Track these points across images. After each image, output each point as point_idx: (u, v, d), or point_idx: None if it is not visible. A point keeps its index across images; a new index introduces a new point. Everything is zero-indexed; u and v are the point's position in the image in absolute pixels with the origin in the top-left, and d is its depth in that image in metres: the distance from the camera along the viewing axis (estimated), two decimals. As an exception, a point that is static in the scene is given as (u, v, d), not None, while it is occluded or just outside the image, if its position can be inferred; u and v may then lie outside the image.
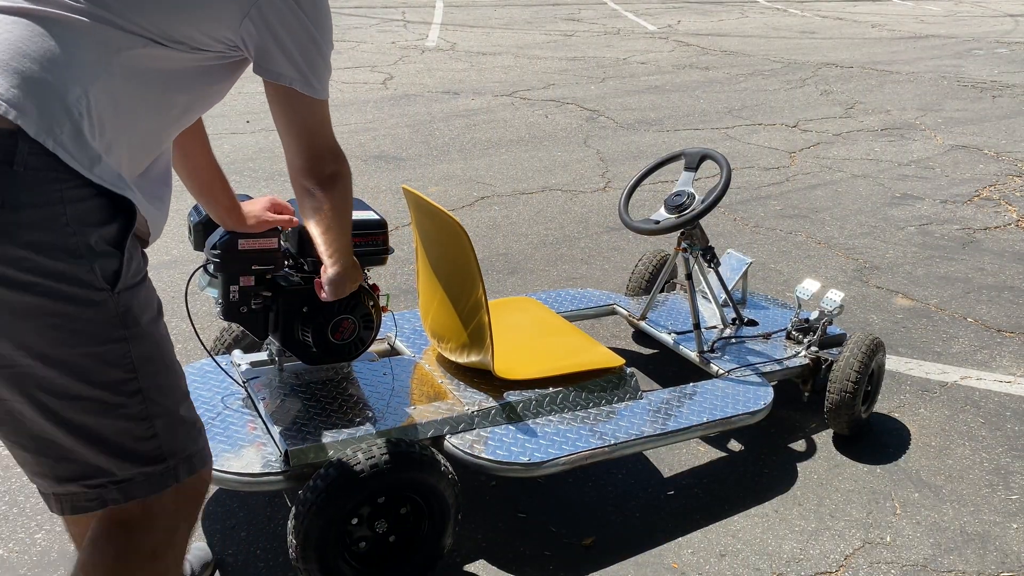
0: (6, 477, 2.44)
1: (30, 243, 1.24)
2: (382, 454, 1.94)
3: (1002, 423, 2.90)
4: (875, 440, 2.79)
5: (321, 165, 1.65)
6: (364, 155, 5.74)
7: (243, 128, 6.30)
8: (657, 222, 2.75)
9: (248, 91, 7.52)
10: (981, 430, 2.86)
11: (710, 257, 2.82)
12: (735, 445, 2.73)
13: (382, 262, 2.23)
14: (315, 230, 1.76)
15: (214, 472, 1.98)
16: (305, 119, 1.59)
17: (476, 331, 2.27)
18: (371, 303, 2.25)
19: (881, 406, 2.97)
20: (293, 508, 1.93)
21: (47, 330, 1.29)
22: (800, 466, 2.64)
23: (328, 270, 1.85)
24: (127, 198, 1.35)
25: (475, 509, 2.39)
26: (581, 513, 2.40)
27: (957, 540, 2.34)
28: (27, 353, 1.29)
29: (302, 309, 2.18)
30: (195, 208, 2.22)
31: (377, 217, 2.21)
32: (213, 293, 2.14)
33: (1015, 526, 2.41)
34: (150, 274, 1.48)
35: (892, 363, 3.26)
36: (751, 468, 2.63)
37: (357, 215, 2.20)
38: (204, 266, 2.12)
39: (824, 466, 2.64)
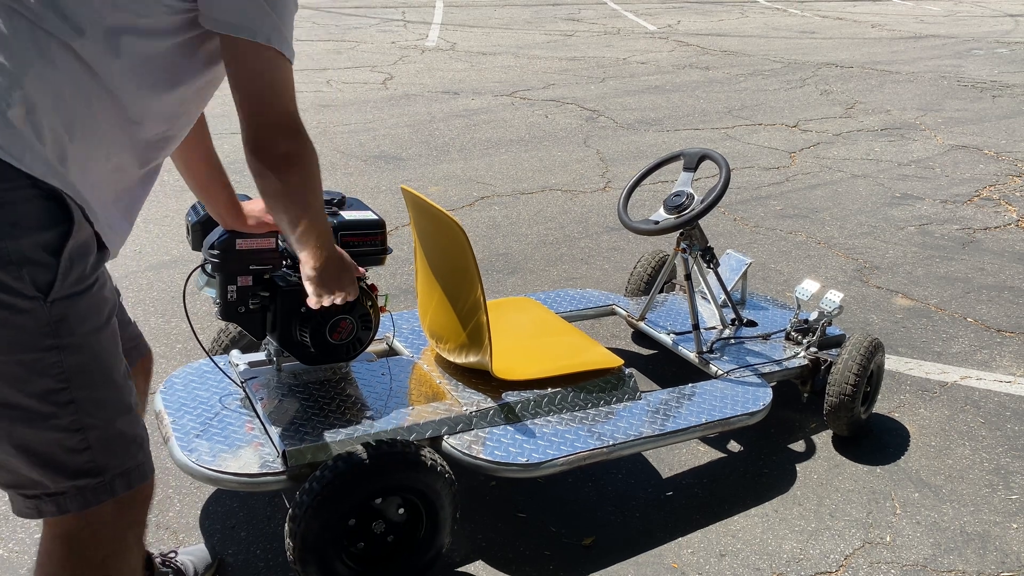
0: (6, 477, 2.44)
1: None
2: (379, 455, 1.94)
3: (1002, 423, 2.90)
4: (875, 440, 2.79)
5: (270, 142, 1.44)
6: (364, 155, 5.74)
7: (243, 128, 6.30)
8: (656, 222, 2.75)
9: (248, 91, 7.52)
10: (981, 430, 2.86)
11: (709, 258, 2.82)
12: (735, 445, 2.73)
13: (381, 262, 2.23)
14: (281, 220, 1.55)
15: (213, 472, 1.98)
16: (253, 79, 1.39)
17: (474, 331, 2.27)
18: (369, 303, 2.25)
19: (881, 406, 2.97)
20: (290, 509, 1.93)
21: None
22: (800, 466, 2.64)
23: (305, 267, 1.67)
24: (72, 200, 1.29)
25: (475, 509, 2.39)
26: (581, 513, 2.40)
27: (957, 540, 2.34)
28: None
29: (300, 309, 2.18)
30: (193, 208, 2.22)
31: (375, 217, 2.21)
32: (211, 293, 2.14)
33: (1015, 526, 2.41)
34: (148, 274, 1.46)
35: (892, 363, 3.26)
36: (751, 468, 2.63)
37: (356, 215, 2.20)
38: (202, 266, 2.12)
39: (824, 466, 2.64)
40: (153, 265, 3.87)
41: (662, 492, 2.50)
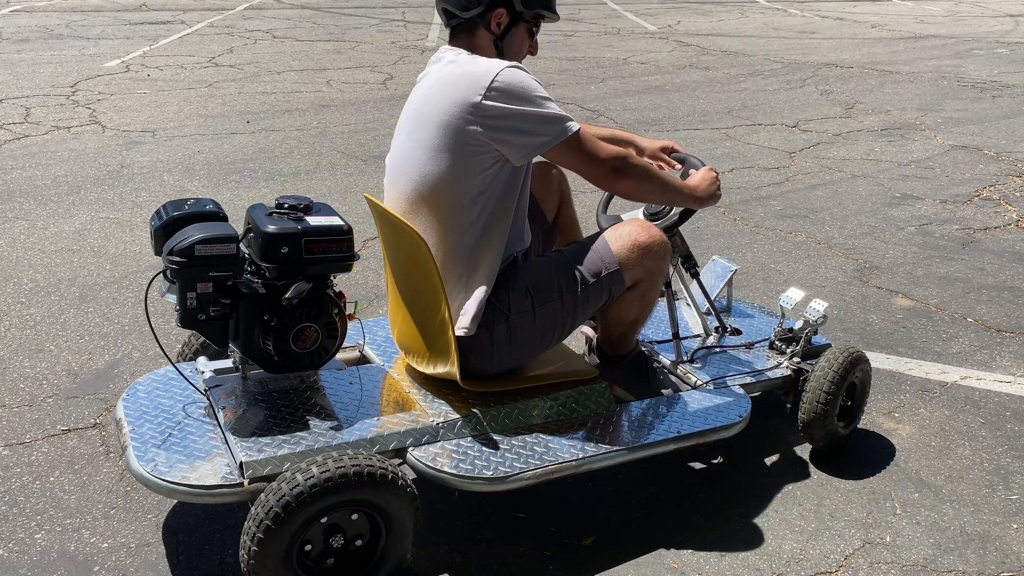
0: (6, 477, 2.44)
1: None
2: (337, 467, 1.88)
3: (1002, 423, 2.90)
4: (875, 440, 2.79)
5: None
6: (364, 155, 5.74)
7: (243, 128, 6.30)
8: None
9: (248, 91, 7.52)
10: (981, 430, 2.86)
11: (689, 265, 2.76)
12: (734, 446, 2.73)
13: (348, 269, 2.18)
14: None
15: (168, 484, 1.93)
16: None
17: (442, 344, 2.21)
18: (335, 311, 2.20)
19: (881, 406, 2.97)
20: (245, 523, 1.88)
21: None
22: (800, 466, 2.64)
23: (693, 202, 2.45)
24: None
25: (475, 509, 2.39)
26: (581, 513, 2.40)
27: (957, 540, 2.34)
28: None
29: (263, 317, 2.12)
30: (157, 212, 2.19)
31: (342, 223, 2.14)
32: (173, 299, 2.09)
33: (1015, 526, 2.41)
34: (148, 273, 1.47)
35: (892, 363, 3.26)
36: (751, 468, 2.63)
37: (323, 221, 2.14)
38: (163, 271, 2.09)
39: (824, 466, 2.64)
40: (153, 265, 3.87)
41: (662, 492, 2.50)
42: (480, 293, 2.21)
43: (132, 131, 6.14)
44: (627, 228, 2.35)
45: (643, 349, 2.65)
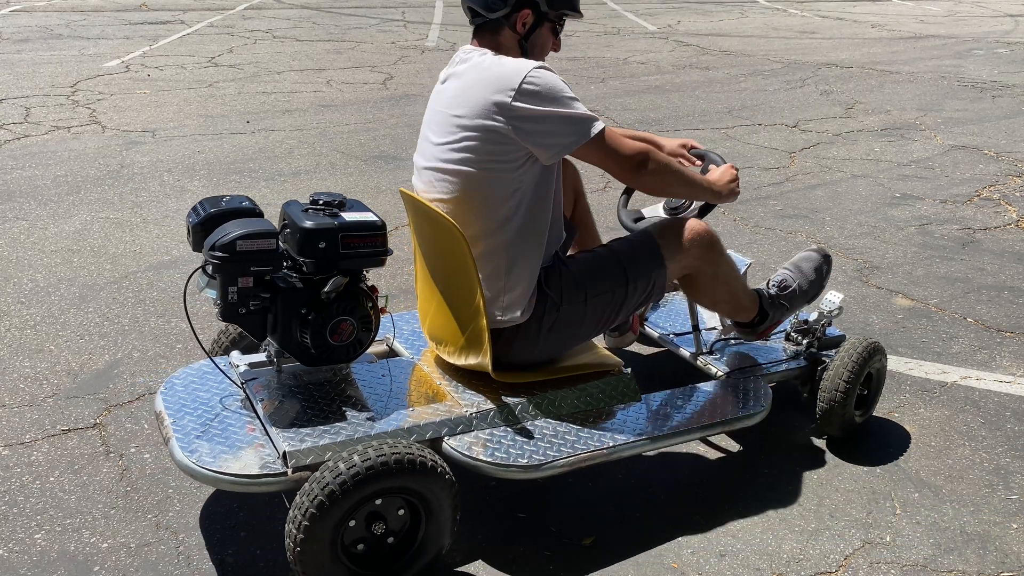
0: (6, 477, 2.44)
1: None
2: (379, 456, 1.93)
3: (1002, 423, 2.90)
4: (875, 440, 2.79)
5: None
6: (364, 155, 5.74)
7: (243, 128, 6.30)
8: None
9: (248, 91, 7.52)
10: (981, 430, 2.86)
11: None
12: (735, 445, 2.73)
13: (381, 263, 2.22)
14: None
15: (214, 473, 1.98)
16: None
17: (474, 335, 2.27)
18: (369, 305, 2.25)
19: (881, 406, 2.97)
20: (290, 511, 1.93)
21: None
22: (800, 466, 2.64)
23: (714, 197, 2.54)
24: None
25: (475, 509, 2.39)
26: (581, 513, 2.40)
27: (957, 540, 2.34)
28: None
29: (300, 310, 2.18)
30: (194, 209, 2.22)
31: (376, 219, 2.20)
32: (212, 294, 2.14)
33: (1015, 526, 2.41)
34: (148, 274, 1.49)
35: (892, 363, 3.26)
36: (751, 468, 2.63)
37: (357, 217, 2.19)
38: (203, 267, 2.12)
39: (824, 466, 2.64)
40: (153, 265, 3.87)
41: (662, 492, 2.50)
42: (524, 288, 2.28)
43: (132, 131, 6.14)
44: (673, 228, 2.49)
45: (760, 290, 2.76)
